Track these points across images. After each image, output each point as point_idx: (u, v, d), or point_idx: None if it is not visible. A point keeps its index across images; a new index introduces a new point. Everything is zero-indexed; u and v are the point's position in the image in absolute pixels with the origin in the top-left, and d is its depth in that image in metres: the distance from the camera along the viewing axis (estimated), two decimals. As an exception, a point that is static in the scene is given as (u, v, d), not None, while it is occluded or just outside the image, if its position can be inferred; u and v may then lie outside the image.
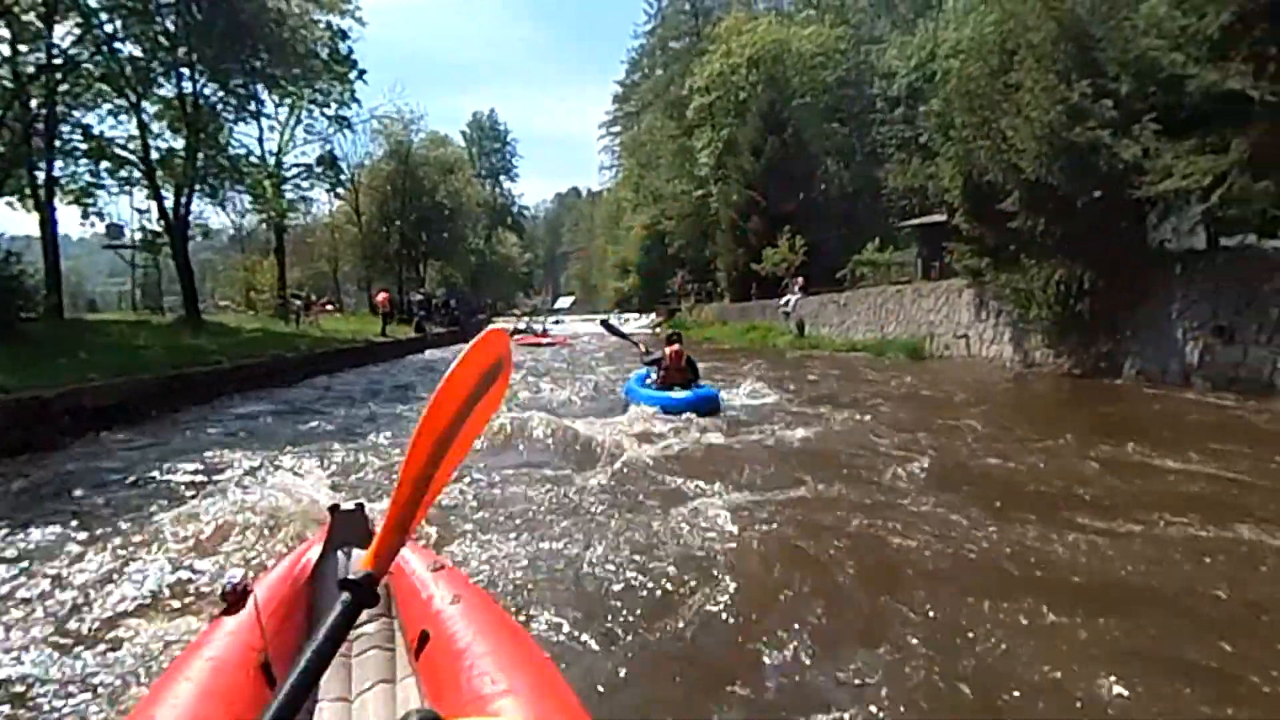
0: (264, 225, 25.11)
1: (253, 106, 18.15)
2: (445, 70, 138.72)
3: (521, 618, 2.64)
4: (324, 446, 6.45)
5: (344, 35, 18.73)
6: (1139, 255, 9.80)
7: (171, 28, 15.71)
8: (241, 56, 15.73)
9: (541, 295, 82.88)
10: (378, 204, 33.75)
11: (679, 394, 7.96)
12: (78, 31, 14.44)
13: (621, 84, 66.49)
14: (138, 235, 22.15)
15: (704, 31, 47.95)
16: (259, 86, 17.25)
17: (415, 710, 0.75)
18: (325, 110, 19.30)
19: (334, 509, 1.96)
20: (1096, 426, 6.90)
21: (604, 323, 13.75)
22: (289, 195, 19.80)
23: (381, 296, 24.43)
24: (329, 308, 23.07)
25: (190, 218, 18.46)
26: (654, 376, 8.58)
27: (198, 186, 17.86)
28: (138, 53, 16.05)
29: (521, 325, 30.45)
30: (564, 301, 77.75)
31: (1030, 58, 10.35)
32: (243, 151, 19.37)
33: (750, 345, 22.35)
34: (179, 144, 17.84)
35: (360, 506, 1.97)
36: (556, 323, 33.04)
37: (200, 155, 17.57)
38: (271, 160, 20.99)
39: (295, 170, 19.85)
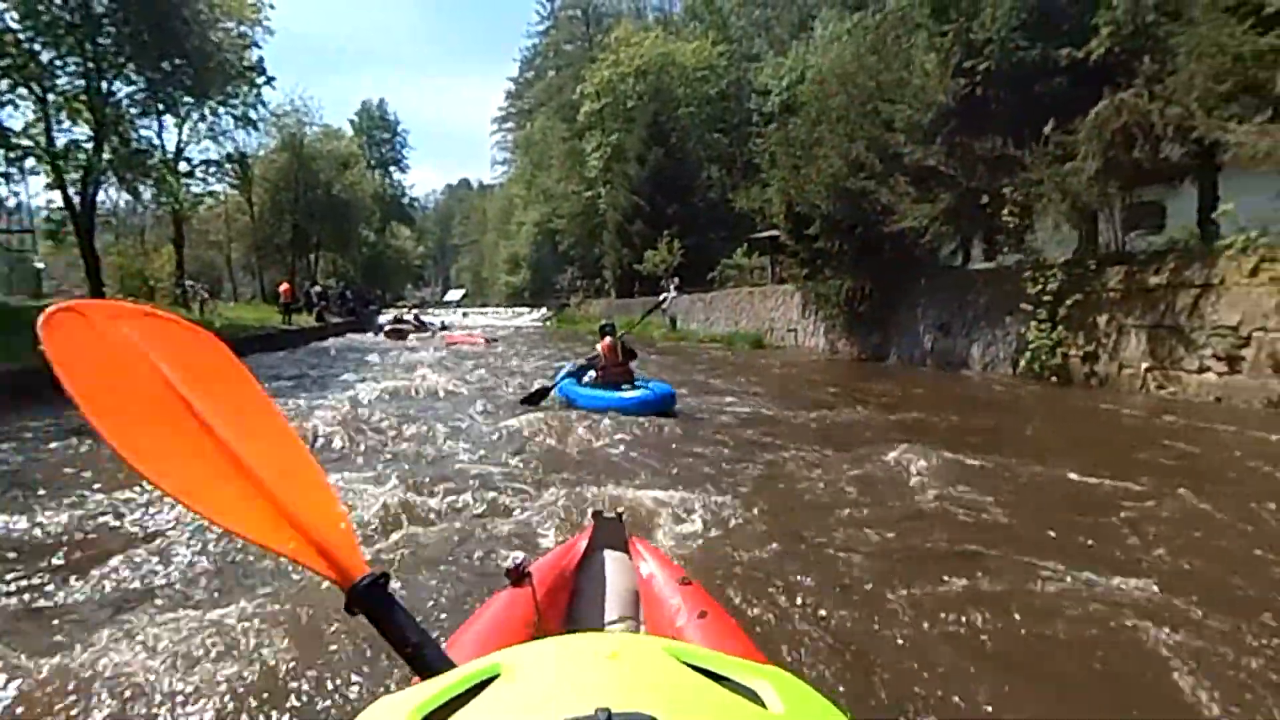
0: (155, 213, 25.62)
1: (161, 105, 19.14)
2: (325, 50, 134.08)
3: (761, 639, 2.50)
4: (323, 392, 8.74)
5: (256, 45, 20.09)
6: (899, 271, 13.38)
7: (70, 18, 16.54)
8: (160, 63, 16.93)
9: (431, 288, 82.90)
10: (270, 194, 34.20)
11: (630, 393, 7.59)
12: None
13: (515, 81, 68.16)
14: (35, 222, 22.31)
15: (595, 39, 50.51)
16: (172, 90, 18.34)
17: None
18: (233, 111, 20.49)
19: (597, 515, 2.16)
20: (855, 382, 10.24)
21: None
22: (195, 189, 20.85)
23: (284, 287, 25.67)
24: (204, 295, 23.50)
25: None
26: (591, 375, 8.11)
27: (105, 177, 18.72)
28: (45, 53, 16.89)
29: (408, 316, 28.88)
30: (455, 294, 78.08)
31: (829, 119, 13.79)
32: (145, 146, 20.23)
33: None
34: (83, 135, 18.65)
35: (619, 515, 2.16)
36: (444, 325, 29.99)
37: (106, 147, 18.47)
38: (172, 154, 21.85)
39: (201, 164, 20.89)
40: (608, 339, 8.08)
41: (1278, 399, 7.12)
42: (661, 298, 27.79)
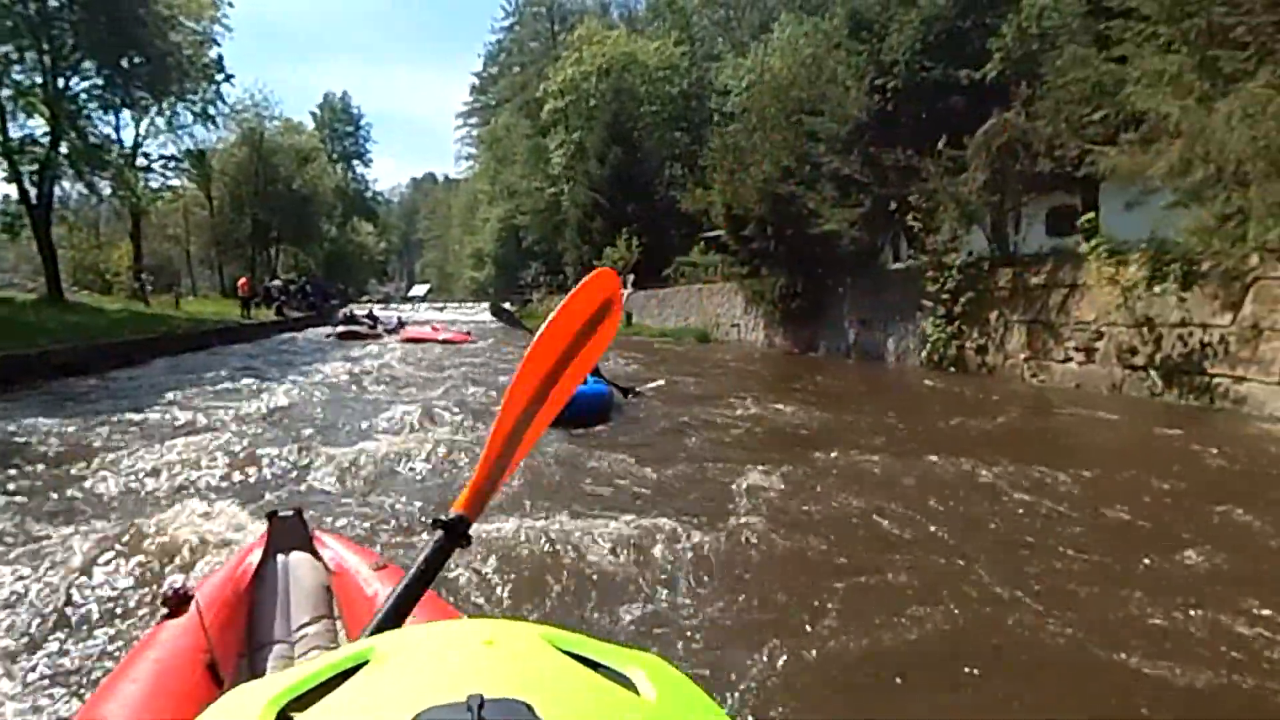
0: (115, 207, 25.69)
1: (119, 101, 19.36)
2: (286, 39, 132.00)
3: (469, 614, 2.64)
4: (260, 385, 9.38)
5: (215, 43, 20.41)
6: (827, 270, 14.37)
7: (26, 12, 16.75)
8: (119, 60, 17.24)
9: (396, 283, 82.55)
10: (229, 189, 34.19)
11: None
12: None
13: (479, 76, 68.26)
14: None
15: (559, 37, 50.97)
16: (131, 89, 18.61)
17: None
18: (191, 108, 20.76)
19: (272, 515, 2.00)
20: (783, 372, 11.17)
21: (493, 308, 11.21)
22: (154, 184, 21.11)
23: (242, 282, 25.93)
24: (179, 291, 23.54)
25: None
26: None
27: (62, 171, 18.91)
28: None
29: (361, 313, 26.42)
30: (419, 289, 77.91)
31: (764, 128, 14.73)
32: (102, 141, 20.40)
33: (586, 331, 26.02)
34: (39, 130, 18.83)
35: (298, 512, 2.00)
36: (401, 322, 26.17)
37: (63, 142, 18.67)
38: (130, 148, 22.04)
39: (160, 160, 21.13)
40: None
41: (1119, 384, 8.20)
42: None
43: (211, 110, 21.41)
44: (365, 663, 0.63)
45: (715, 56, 41.91)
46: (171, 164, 21.18)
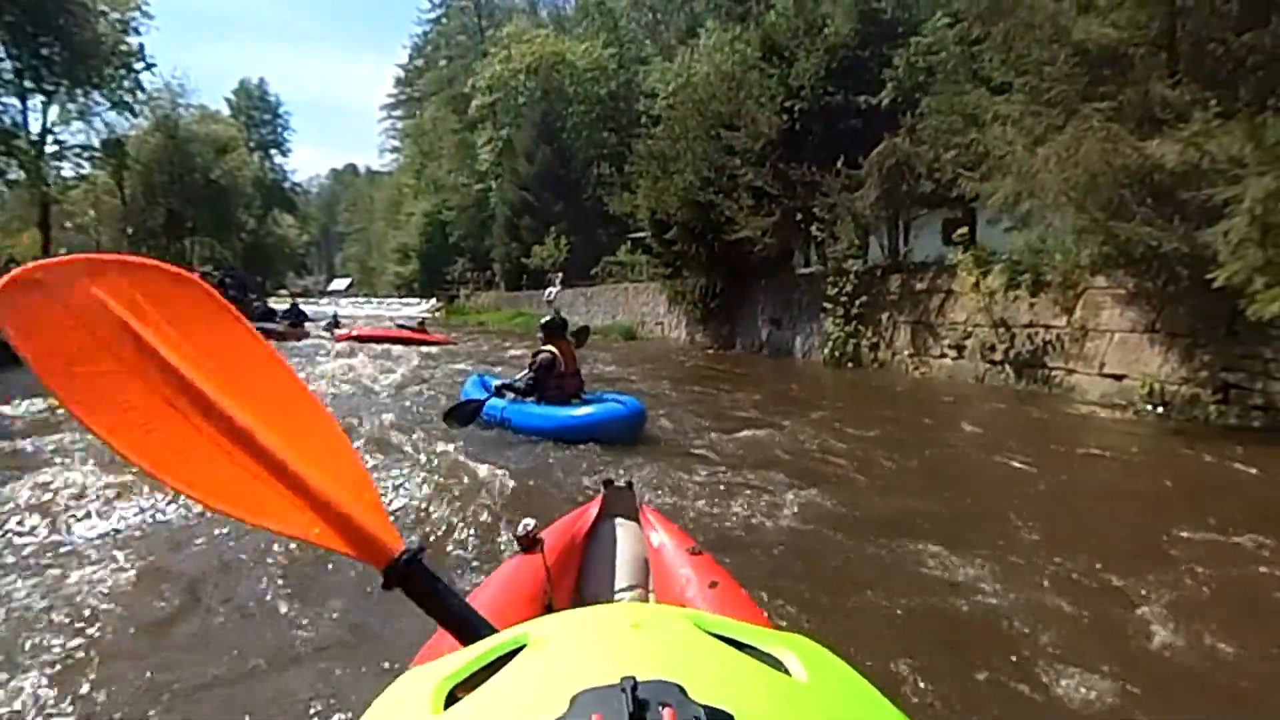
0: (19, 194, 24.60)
1: (30, 84, 18.76)
2: (199, 17, 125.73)
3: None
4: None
5: (135, 31, 19.97)
6: (743, 273, 15.53)
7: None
8: (37, 45, 16.81)
9: (315, 276, 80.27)
10: (141, 177, 32.97)
11: (585, 409, 5.97)
12: None
13: (405, 68, 67.27)
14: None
15: (488, 33, 50.85)
16: (43, 70, 18.09)
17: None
18: (109, 97, 20.24)
19: (608, 483, 2.23)
20: (701, 363, 12.19)
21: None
22: (66, 173, 20.49)
23: (161, 274, 25.21)
24: None
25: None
26: (536, 391, 6.16)
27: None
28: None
29: (283, 307, 22.93)
30: (340, 283, 76.24)
31: (686, 138, 15.76)
32: (11, 126, 19.69)
33: (516, 329, 26.65)
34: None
35: (629, 484, 2.24)
36: (336, 321, 22.74)
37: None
38: (39, 135, 21.27)
39: (76, 149, 20.50)
40: (565, 340, 6.39)
41: (982, 376, 9.60)
42: (547, 291, 29.51)
43: (129, 99, 20.89)
44: (523, 646, 0.66)
45: (643, 60, 42.54)
46: (86, 153, 20.54)
